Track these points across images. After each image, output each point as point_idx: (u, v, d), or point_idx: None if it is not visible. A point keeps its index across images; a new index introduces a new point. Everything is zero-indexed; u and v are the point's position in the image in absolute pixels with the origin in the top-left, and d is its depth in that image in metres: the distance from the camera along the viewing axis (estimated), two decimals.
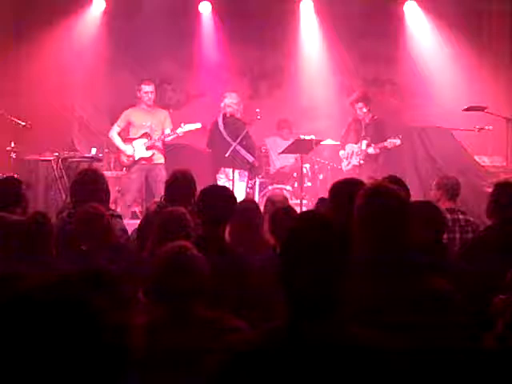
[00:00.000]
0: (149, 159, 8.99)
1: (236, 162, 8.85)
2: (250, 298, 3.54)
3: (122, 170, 9.31)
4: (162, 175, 8.93)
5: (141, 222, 5.28)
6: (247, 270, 3.81)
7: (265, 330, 1.99)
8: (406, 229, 2.72)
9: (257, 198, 9.13)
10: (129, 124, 9.10)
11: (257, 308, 3.33)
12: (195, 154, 9.41)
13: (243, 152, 8.93)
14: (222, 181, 8.87)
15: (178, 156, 9.19)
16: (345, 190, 3.72)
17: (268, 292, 2.15)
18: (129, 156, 9.02)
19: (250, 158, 9.05)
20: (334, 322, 1.95)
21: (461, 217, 5.66)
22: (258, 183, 9.44)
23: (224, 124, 9.06)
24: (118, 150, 9.15)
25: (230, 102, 9.13)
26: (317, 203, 4.84)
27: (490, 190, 4.76)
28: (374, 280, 2.62)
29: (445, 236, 5.44)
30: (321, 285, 1.95)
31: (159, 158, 9.05)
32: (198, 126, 8.99)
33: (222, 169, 8.99)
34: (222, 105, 9.16)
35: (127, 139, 9.10)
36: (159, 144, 9.03)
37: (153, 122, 9.04)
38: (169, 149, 9.24)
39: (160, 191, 8.84)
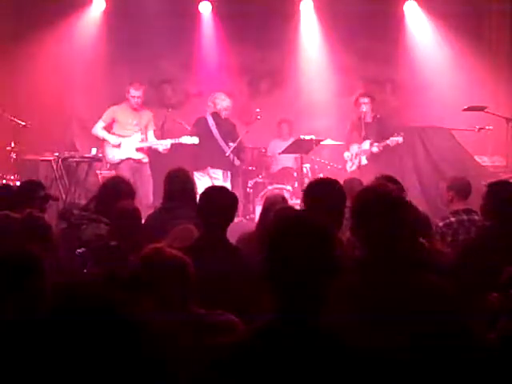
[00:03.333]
0: (137, 159, 9.07)
1: (223, 163, 8.87)
2: (252, 297, 3.54)
3: (106, 165, 9.30)
4: (148, 174, 9.06)
5: (145, 222, 5.27)
6: (250, 270, 3.81)
7: (252, 330, 2.00)
8: (402, 227, 2.73)
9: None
10: (113, 121, 9.22)
11: (259, 307, 3.33)
12: (179, 150, 9.34)
13: (231, 156, 8.96)
14: (202, 179, 8.74)
15: (161, 154, 9.17)
16: (317, 189, 3.73)
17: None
18: (114, 146, 9.05)
19: (237, 163, 9.09)
20: (321, 323, 1.96)
21: (476, 218, 5.63)
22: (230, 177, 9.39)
23: (216, 124, 9.05)
24: (104, 147, 9.18)
25: (227, 105, 9.14)
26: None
27: None
28: (370, 278, 2.62)
29: (461, 237, 5.44)
30: (305, 283, 1.97)
31: (144, 158, 9.15)
32: (196, 140, 8.98)
33: (208, 168, 8.95)
34: (211, 104, 9.17)
35: (113, 134, 9.18)
36: (160, 148, 9.12)
37: (139, 122, 9.17)
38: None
39: (148, 190, 8.94)
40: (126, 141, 9.11)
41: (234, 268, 3.74)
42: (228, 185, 8.98)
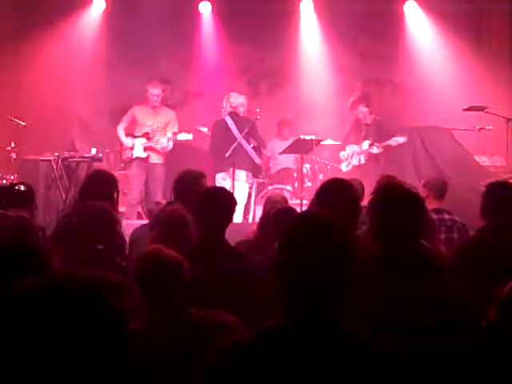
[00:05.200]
0: (145, 159, 9.05)
1: (246, 164, 8.82)
2: (252, 298, 3.54)
3: (120, 164, 9.34)
4: (161, 175, 9.00)
5: (152, 222, 5.24)
6: (249, 271, 3.81)
7: (262, 330, 1.99)
8: (419, 228, 2.73)
9: (253, 199, 9.18)
10: (133, 121, 9.20)
11: (259, 308, 3.33)
12: (197, 153, 9.37)
13: (253, 154, 8.87)
14: (223, 183, 8.66)
15: (180, 155, 9.17)
16: (331, 190, 3.75)
17: (270, 292, 2.16)
18: (127, 149, 9.08)
19: (259, 161, 9.02)
20: (335, 323, 1.95)
21: (446, 217, 5.68)
22: (255, 184, 9.42)
23: (235, 123, 8.92)
24: (121, 145, 9.23)
25: (241, 101, 9.04)
26: (310, 204, 4.85)
27: None
28: (385, 279, 2.62)
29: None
30: (319, 284, 1.94)
31: (157, 159, 9.10)
32: (190, 137, 8.97)
33: (231, 169, 8.86)
34: (227, 104, 9.07)
35: (131, 135, 9.19)
36: (158, 147, 9.07)
37: (155, 122, 9.10)
38: (172, 148, 9.27)
39: (157, 191, 8.93)
40: (137, 140, 9.13)
41: (233, 269, 3.74)
42: (248, 185, 8.95)
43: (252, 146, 8.86)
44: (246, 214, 9.29)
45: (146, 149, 9.06)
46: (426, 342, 2.43)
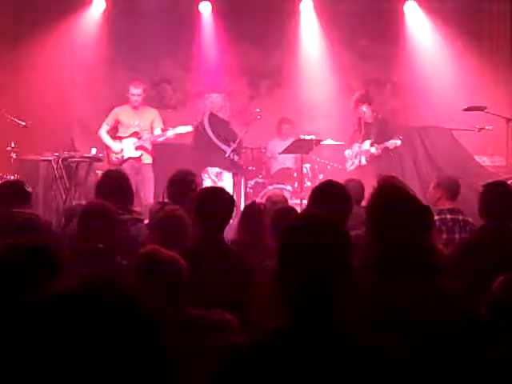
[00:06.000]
0: (137, 159, 9.06)
1: (222, 162, 8.87)
2: (250, 298, 3.54)
3: (111, 167, 9.31)
4: (150, 175, 9.03)
5: (150, 222, 5.24)
6: (247, 271, 3.80)
7: (262, 332, 1.98)
8: (421, 231, 2.72)
9: (242, 197, 9.23)
10: (117, 123, 9.21)
11: (257, 309, 3.33)
12: (184, 153, 9.36)
13: (228, 150, 8.94)
14: (207, 180, 8.81)
15: (167, 155, 9.18)
16: (324, 192, 3.76)
17: (269, 293, 2.16)
18: (116, 153, 9.09)
19: (236, 158, 9.05)
20: (334, 323, 1.94)
21: (460, 217, 5.67)
22: (243, 182, 9.45)
23: (210, 124, 9.04)
24: (108, 149, 9.21)
25: (214, 100, 9.16)
26: (307, 206, 4.85)
27: None
28: (385, 281, 2.62)
29: (444, 236, 5.47)
30: (319, 285, 1.94)
31: (147, 159, 9.15)
32: (189, 129, 9.02)
33: (207, 168, 8.97)
34: (206, 106, 9.20)
35: (117, 137, 9.18)
36: (147, 144, 9.09)
37: (141, 122, 9.14)
38: (158, 148, 9.28)
39: (148, 191, 8.95)
40: (125, 141, 9.12)
41: (232, 269, 3.74)
42: (229, 183, 8.99)
43: (232, 146, 8.91)
44: (237, 212, 9.31)
45: (137, 148, 9.09)
46: (426, 342, 2.43)
